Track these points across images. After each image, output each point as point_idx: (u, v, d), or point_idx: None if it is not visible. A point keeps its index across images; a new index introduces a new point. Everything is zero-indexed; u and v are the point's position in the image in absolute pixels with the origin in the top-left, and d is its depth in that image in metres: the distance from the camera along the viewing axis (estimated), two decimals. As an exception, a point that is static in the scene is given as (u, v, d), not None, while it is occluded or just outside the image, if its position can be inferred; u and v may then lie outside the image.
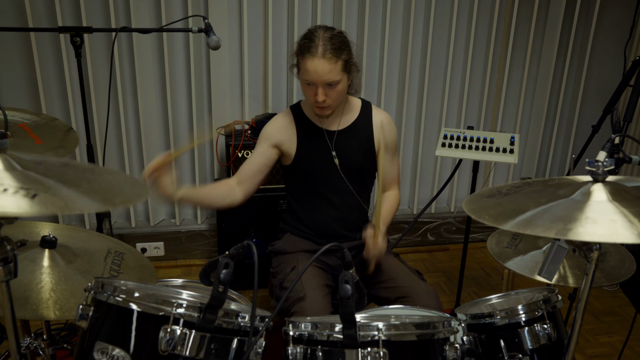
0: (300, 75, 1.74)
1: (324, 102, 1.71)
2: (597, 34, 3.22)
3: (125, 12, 2.65)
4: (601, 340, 2.50)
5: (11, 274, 0.95)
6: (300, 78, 1.74)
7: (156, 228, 3.00)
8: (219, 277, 1.04)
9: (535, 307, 1.34)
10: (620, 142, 1.56)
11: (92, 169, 1.07)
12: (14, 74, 2.65)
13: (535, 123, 3.34)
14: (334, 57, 1.66)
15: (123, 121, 2.79)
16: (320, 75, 1.66)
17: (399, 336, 1.15)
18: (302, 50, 1.69)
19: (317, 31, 1.70)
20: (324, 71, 1.65)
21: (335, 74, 1.68)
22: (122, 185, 1.00)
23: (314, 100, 1.72)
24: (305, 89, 1.74)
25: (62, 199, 0.83)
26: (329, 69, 1.65)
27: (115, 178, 1.04)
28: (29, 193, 0.81)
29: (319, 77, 1.66)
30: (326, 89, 1.69)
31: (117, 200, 0.91)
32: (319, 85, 1.68)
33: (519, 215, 1.01)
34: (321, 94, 1.69)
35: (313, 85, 1.70)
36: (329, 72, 1.66)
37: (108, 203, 0.89)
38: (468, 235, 2.39)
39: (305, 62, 1.67)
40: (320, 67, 1.65)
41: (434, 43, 3.03)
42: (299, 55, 1.71)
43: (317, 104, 1.73)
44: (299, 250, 1.89)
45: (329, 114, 1.80)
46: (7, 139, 0.92)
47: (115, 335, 1.08)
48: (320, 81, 1.67)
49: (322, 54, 1.64)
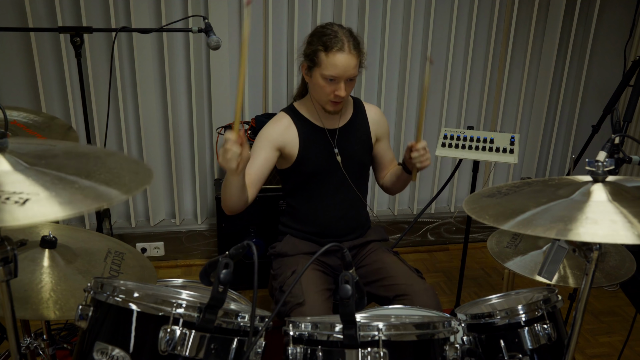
0: (320, 71, 1.71)
1: (343, 98, 1.74)
2: (597, 34, 3.22)
3: (125, 12, 2.65)
4: (601, 340, 2.50)
5: (11, 273, 0.95)
6: (319, 74, 1.72)
7: (156, 228, 3.00)
8: (218, 277, 1.04)
9: (535, 307, 1.34)
10: (620, 142, 1.56)
11: (95, 155, 1.06)
12: (14, 73, 2.65)
13: (535, 123, 3.35)
14: (357, 53, 1.71)
15: (123, 121, 2.79)
16: (347, 70, 1.69)
17: (399, 336, 1.15)
18: (328, 46, 1.68)
19: (333, 27, 1.72)
20: (350, 66, 1.69)
21: (357, 69, 1.73)
22: (124, 175, 0.98)
23: (332, 96, 1.73)
24: (324, 85, 1.72)
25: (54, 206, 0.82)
26: (354, 64, 1.70)
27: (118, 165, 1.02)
28: (21, 199, 0.79)
29: (345, 72, 1.69)
30: (346, 84, 1.72)
31: (114, 195, 0.90)
32: (342, 81, 1.71)
33: (519, 215, 1.01)
34: (343, 89, 1.71)
35: (335, 81, 1.71)
36: (355, 67, 1.71)
37: (103, 200, 0.88)
38: (468, 235, 2.39)
39: (334, 57, 1.68)
40: (349, 62, 1.68)
41: (434, 43, 3.03)
42: (321, 51, 1.70)
43: (335, 99, 1.74)
44: (299, 253, 1.89)
45: (340, 110, 1.83)
46: (7, 139, 0.91)
47: (115, 335, 1.08)
48: (345, 76, 1.70)
49: (349, 49, 1.68)
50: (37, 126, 1.68)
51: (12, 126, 1.62)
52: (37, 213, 0.79)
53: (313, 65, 1.73)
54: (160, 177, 2.98)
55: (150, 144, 2.87)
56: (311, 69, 1.75)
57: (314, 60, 1.72)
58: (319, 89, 1.75)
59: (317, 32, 1.74)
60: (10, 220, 0.76)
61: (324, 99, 1.77)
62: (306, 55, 1.75)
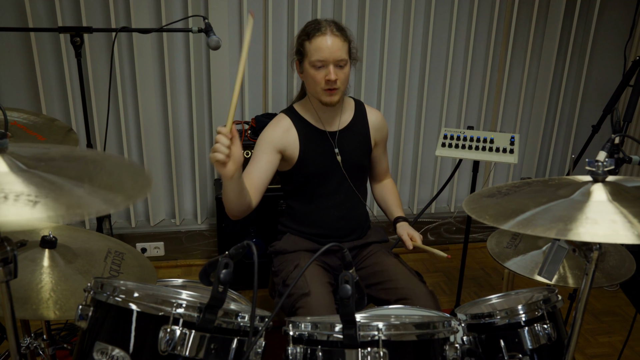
0: (309, 60, 1.72)
1: (335, 83, 1.72)
2: (597, 34, 3.22)
3: (125, 12, 2.65)
4: (601, 340, 2.50)
5: (11, 274, 0.95)
6: (308, 63, 1.73)
7: (156, 228, 3.00)
8: (218, 277, 1.04)
9: (535, 307, 1.34)
10: (620, 142, 1.56)
11: (94, 159, 1.06)
12: (14, 74, 2.65)
13: (535, 123, 3.35)
14: (342, 36, 1.72)
15: (123, 121, 2.79)
16: (333, 52, 1.69)
17: (399, 336, 1.15)
18: (309, 33, 1.71)
19: (318, 19, 1.76)
20: (335, 47, 1.69)
21: (344, 53, 1.72)
22: (124, 179, 0.98)
23: (324, 83, 1.73)
24: (315, 73, 1.73)
25: (63, 205, 0.82)
26: (339, 45, 1.70)
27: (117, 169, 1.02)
28: (30, 200, 0.80)
29: (330, 53, 1.69)
30: (336, 69, 1.72)
31: (119, 200, 0.90)
32: (330, 64, 1.70)
33: (519, 215, 1.01)
34: (333, 72, 1.71)
35: (324, 66, 1.71)
36: (340, 49, 1.70)
37: (110, 204, 0.88)
38: (468, 235, 2.39)
39: (316, 41, 1.69)
40: (332, 43, 1.69)
41: (434, 43, 3.03)
42: (305, 40, 1.72)
43: (327, 85, 1.73)
44: (300, 249, 1.89)
45: (337, 101, 1.79)
46: (7, 139, 0.91)
47: (115, 335, 1.08)
48: (332, 59, 1.70)
49: (332, 31, 1.70)
50: (38, 127, 1.68)
51: (12, 127, 1.62)
52: (45, 214, 0.80)
53: (302, 58, 1.75)
54: (160, 177, 2.97)
55: (150, 144, 2.87)
56: (302, 62, 1.76)
57: (301, 52, 1.74)
58: (312, 81, 1.75)
59: (303, 27, 1.77)
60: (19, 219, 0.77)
61: (318, 90, 1.76)
62: (296, 51, 1.78)
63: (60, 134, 1.70)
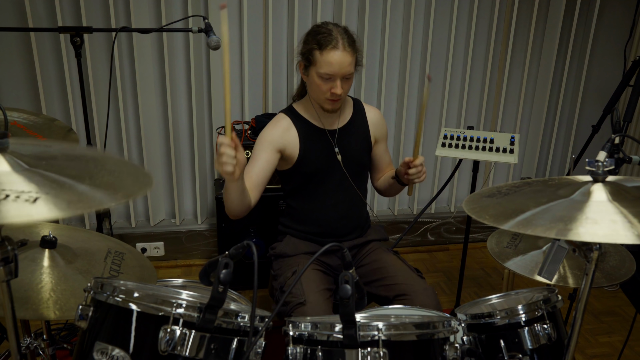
0: (316, 70, 1.72)
1: (340, 95, 1.74)
2: (597, 34, 3.22)
3: (125, 12, 2.65)
4: (601, 340, 2.50)
5: (12, 274, 0.95)
6: (315, 73, 1.73)
7: (156, 228, 3.00)
8: (218, 277, 1.04)
9: (535, 307, 1.34)
10: (620, 142, 1.57)
11: (95, 158, 1.06)
12: (14, 74, 2.65)
13: (535, 123, 3.35)
14: (352, 50, 1.71)
15: (123, 121, 2.79)
16: (342, 68, 1.69)
17: (399, 336, 1.15)
18: (322, 44, 1.69)
19: (328, 25, 1.73)
20: (345, 63, 1.69)
21: (352, 67, 1.73)
22: (125, 177, 0.98)
23: (329, 94, 1.74)
24: (320, 83, 1.73)
25: (64, 201, 0.83)
26: (349, 61, 1.70)
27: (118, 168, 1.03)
28: (31, 198, 0.80)
29: (340, 69, 1.69)
30: (342, 81, 1.72)
31: (119, 196, 0.90)
32: (337, 78, 1.71)
33: (519, 215, 1.01)
34: (339, 86, 1.71)
35: (331, 79, 1.71)
36: (350, 64, 1.71)
37: (110, 199, 0.89)
38: (468, 235, 2.39)
39: (329, 54, 1.68)
40: (343, 60, 1.69)
41: (434, 43, 3.03)
42: (316, 49, 1.70)
43: (332, 97, 1.74)
44: (299, 253, 1.89)
45: (338, 109, 1.82)
46: (8, 139, 0.91)
47: (115, 335, 1.08)
48: (341, 74, 1.70)
49: (344, 46, 1.69)
50: (38, 127, 1.68)
51: (12, 127, 1.62)
52: (45, 210, 0.80)
53: (309, 64, 1.74)
54: (161, 177, 2.98)
55: (150, 144, 2.87)
56: (307, 67, 1.76)
57: (310, 59, 1.73)
58: (316, 88, 1.75)
59: (313, 31, 1.75)
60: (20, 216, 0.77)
61: (321, 98, 1.77)
62: (302, 54, 1.77)
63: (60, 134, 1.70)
